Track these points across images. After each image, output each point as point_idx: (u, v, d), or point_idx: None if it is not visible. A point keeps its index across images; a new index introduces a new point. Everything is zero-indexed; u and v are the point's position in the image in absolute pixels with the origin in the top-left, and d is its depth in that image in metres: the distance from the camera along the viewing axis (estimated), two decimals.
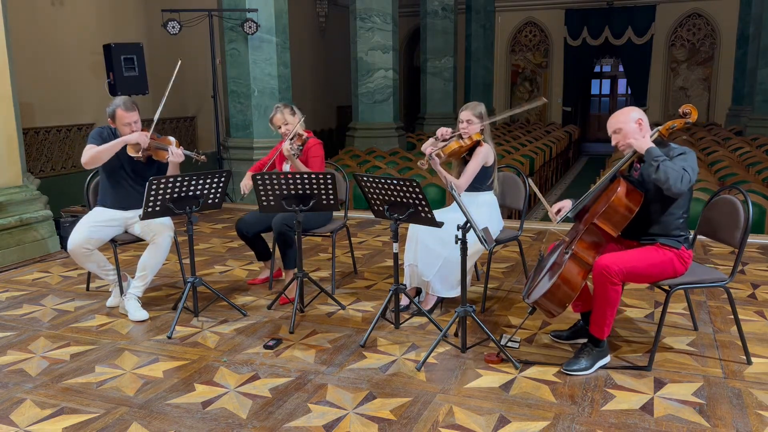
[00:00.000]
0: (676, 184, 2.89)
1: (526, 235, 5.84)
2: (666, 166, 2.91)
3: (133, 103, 4.03)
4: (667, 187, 2.91)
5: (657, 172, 2.92)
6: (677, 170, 2.90)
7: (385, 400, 2.91)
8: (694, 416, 2.72)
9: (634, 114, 3.13)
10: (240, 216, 4.98)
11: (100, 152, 3.93)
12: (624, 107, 3.24)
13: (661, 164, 2.92)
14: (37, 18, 8.25)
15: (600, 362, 3.15)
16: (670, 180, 2.89)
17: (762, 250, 5.33)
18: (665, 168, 2.90)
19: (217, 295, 4.03)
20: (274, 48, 8.24)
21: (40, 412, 2.86)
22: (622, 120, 3.13)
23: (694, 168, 2.97)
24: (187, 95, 10.90)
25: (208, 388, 3.05)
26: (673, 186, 2.89)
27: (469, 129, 3.94)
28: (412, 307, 3.91)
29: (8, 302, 4.37)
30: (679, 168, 2.91)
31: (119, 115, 3.97)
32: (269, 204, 3.79)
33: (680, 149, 3.07)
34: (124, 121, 3.97)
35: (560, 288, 3.05)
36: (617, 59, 18.47)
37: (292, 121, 4.32)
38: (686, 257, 3.15)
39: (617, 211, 3.04)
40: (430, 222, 3.41)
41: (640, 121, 3.11)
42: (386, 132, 11.76)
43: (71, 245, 3.94)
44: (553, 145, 11.93)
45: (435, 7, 14.72)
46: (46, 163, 8.58)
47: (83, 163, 3.97)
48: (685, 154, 3.03)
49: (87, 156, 3.95)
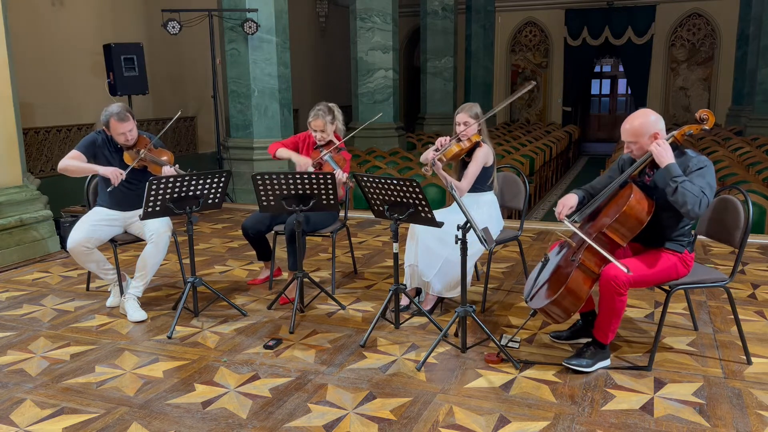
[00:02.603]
0: (694, 209, 2.83)
1: (526, 235, 5.84)
2: (685, 188, 2.83)
3: (127, 113, 4.00)
4: (684, 211, 2.86)
5: (675, 194, 2.85)
6: (696, 194, 2.82)
7: (385, 400, 2.91)
8: (694, 416, 2.72)
9: (652, 127, 3.00)
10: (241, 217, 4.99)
11: (73, 169, 4.01)
12: (640, 110, 3.09)
13: (680, 186, 2.84)
14: (37, 18, 8.25)
15: (601, 363, 3.15)
16: (687, 205, 2.83)
17: (762, 250, 5.33)
18: (684, 191, 2.83)
19: (217, 295, 4.03)
20: (274, 48, 8.24)
21: (40, 412, 2.86)
22: (639, 132, 3.01)
23: (712, 185, 2.91)
24: (187, 95, 10.91)
25: (208, 388, 3.05)
26: (691, 211, 2.84)
27: (467, 131, 3.93)
28: (412, 307, 3.91)
29: (8, 302, 4.37)
30: (698, 191, 2.83)
31: (113, 125, 3.98)
32: (269, 204, 3.79)
33: (698, 162, 2.97)
34: (118, 131, 3.98)
35: (566, 298, 3.02)
36: (617, 59, 18.47)
37: (329, 131, 4.29)
38: (689, 260, 3.14)
39: (627, 222, 2.98)
40: (430, 222, 3.41)
41: (657, 135, 3.00)
42: (386, 132, 11.76)
43: (71, 243, 3.94)
44: (553, 145, 11.92)
45: (435, 7, 14.73)
46: (46, 163, 8.58)
47: (58, 168, 4.04)
48: (703, 169, 2.93)
49: (63, 164, 4.02)
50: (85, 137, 4.13)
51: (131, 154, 4.04)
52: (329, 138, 4.31)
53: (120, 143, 4.05)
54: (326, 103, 4.38)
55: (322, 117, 4.25)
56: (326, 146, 4.30)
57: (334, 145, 4.28)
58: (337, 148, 4.27)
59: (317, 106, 4.31)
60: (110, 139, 4.07)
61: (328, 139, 4.31)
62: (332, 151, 4.24)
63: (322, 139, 4.29)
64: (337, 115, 4.34)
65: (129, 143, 4.04)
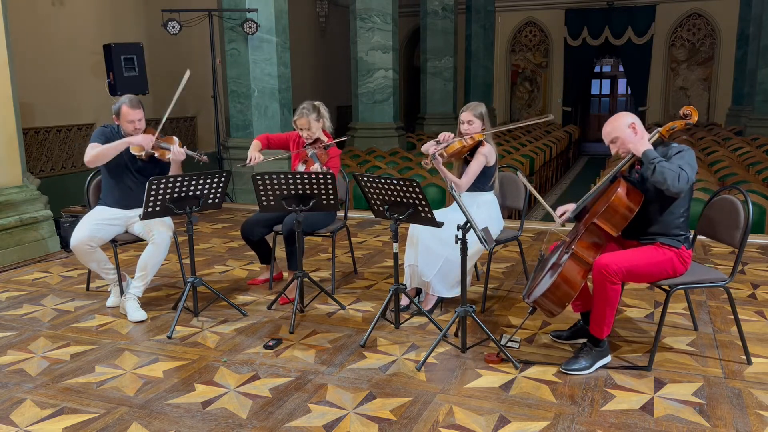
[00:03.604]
0: (674, 184, 2.89)
1: (526, 235, 5.84)
2: (662, 166, 2.91)
3: (138, 102, 4.05)
4: (666, 188, 2.92)
5: (654, 174, 2.93)
6: (674, 170, 2.90)
7: (385, 400, 2.91)
8: (694, 416, 2.72)
9: (627, 119, 3.13)
10: (241, 217, 4.99)
11: (104, 150, 3.93)
12: (615, 114, 3.24)
13: (657, 165, 2.92)
14: (37, 18, 8.25)
15: (600, 362, 3.15)
16: (667, 180, 2.89)
17: (762, 250, 5.33)
18: (662, 168, 2.91)
19: (217, 295, 4.03)
20: (274, 48, 8.24)
21: (40, 412, 2.86)
22: (617, 127, 3.13)
23: (692, 165, 2.97)
24: (187, 95, 10.89)
25: (208, 388, 3.05)
26: (672, 186, 2.90)
27: (470, 129, 3.95)
28: (412, 307, 3.91)
29: (8, 302, 4.37)
30: (676, 167, 2.92)
31: (124, 112, 3.98)
32: (269, 204, 3.79)
33: (678, 147, 3.07)
34: (129, 118, 3.98)
35: (560, 287, 3.05)
36: (617, 59, 18.47)
37: (315, 128, 4.29)
38: (686, 257, 3.15)
39: (617, 211, 3.04)
40: (430, 222, 3.41)
41: (634, 126, 3.11)
42: (386, 132, 11.76)
43: (74, 241, 3.94)
44: (553, 145, 11.93)
45: (435, 7, 14.73)
46: (46, 163, 8.58)
47: (86, 162, 3.97)
48: (682, 152, 3.03)
49: (91, 154, 3.94)
50: (95, 130, 4.12)
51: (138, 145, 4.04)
52: (317, 135, 4.30)
53: (128, 133, 4.03)
54: (311, 101, 4.39)
55: (306, 115, 4.25)
56: (314, 144, 4.29)
57: (322, 143, 4.28)
58: (324, 146, 4.27)
59: (302, 105, 4.33)
60: (119, 130, 4.08)
61: (316, 136, 4.30)
62: (318, 149, 4.23)
63: (309, 137, 4.29)
64: (323, 112, 4.35)
65: (137, 134, 4.04)
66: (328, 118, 4.42)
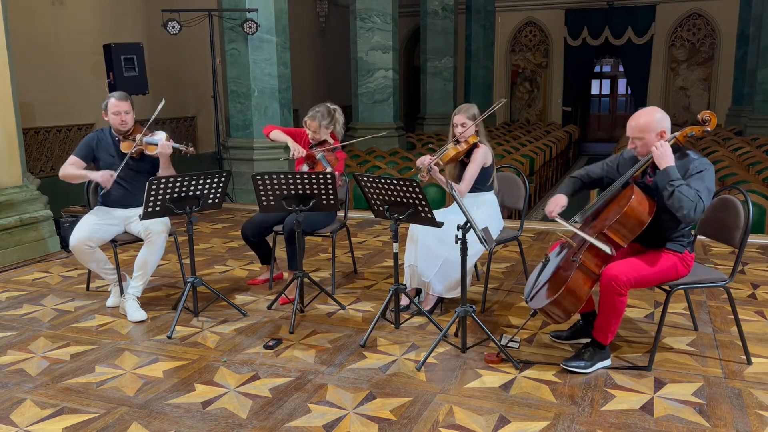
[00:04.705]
0: (689, 214, 2.84)
1: (526, 235, 5.84)
2: (681, 192, 2.84)
3: (127, 96, 4.14)
4: (680, 215, 2.87)
5: (671, 198, 2.86)
6: (692, 199, 2.83)
7: (385, 400, 2.91)
8: (694, 416, 2.72)
9: (659, 124, 3.00)
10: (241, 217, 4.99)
11: (72, 175, 4.11)
12: (648, 108, 3.09)
13: (676, 190, 2.84)
14: (37, 18, 8.25)
15: (600, 364, 3.14)
16: (683, 209, 2.84)
17: (762, 250, 5.33)
18: (680, 196, 2.83)
19: (217, 295, 4.03)
20: (274, 48, 8.25)
21: (40, 412, 2.86)
22: (646, 128, 3.00)
23: (711, 189, 2.90)
24: (187, 95, 10.91)
25: (208, 388, 3.05)
26: (687, 215, 2.85)
27: (464, 132, 3.93)
28: (412, 307, 3.91)
29: (8, 302, 4.37)
30: (694, 195, 2.84)
31: (111, 105, 4.08)
32: (269, 204, 3.79)
33: (699, 165, 2.96)
34: (114, 109, 4.06)
35: (566, 298, 3.02)
36: (617, 59, 18.48)
37: (323, 133, 4.29)
38: (689, 260, 3.14)
39: (628, 223, 2.97)
40: (430, 222, 3.41)
41: (663, 134, 3.00)
42: (386, 132, 11.75)
43: (74, 242, 3.95)
44: (553, 145, 11.92)
45: (435, 7, 14.73)
46: (46, 163, 8.58)
47: (59, 175, 4.12)
48: (703, 172, 2.93)
49: (63, 173, 4.11)
50: (83, 139, 4.19)
51: (128, 141, 4.10)
52: (323, 138, 4.30)
53: (116, 127, 4.09)
54: (329, 105, 4.35)
55: (318, 120, 4.25)
56: (320, 145, 4.29)
57: (329, 145, 4.28)
58: (331, 148, 4.27)
59: (318, 107, 4.30)
60: (107, 134, 4.16)
61: (322, 138, 4.30)
62: (326, 151, 4.23)
63: (314, 139, 4.29)
64: (338, 118, 4.34)
65: (124, 127, 4.08)
66: (342, 123, 4.40)
